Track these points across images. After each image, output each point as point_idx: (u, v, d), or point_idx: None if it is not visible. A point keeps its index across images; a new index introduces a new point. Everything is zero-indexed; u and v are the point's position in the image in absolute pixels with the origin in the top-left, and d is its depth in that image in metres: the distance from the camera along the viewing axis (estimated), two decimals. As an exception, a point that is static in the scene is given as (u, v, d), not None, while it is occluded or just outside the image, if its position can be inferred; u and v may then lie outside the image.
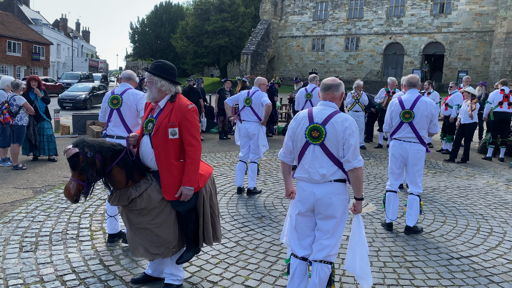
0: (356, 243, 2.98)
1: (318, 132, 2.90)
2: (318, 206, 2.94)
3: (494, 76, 29.44)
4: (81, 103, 21.13)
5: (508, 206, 6.22)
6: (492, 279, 3.88)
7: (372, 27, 37.31)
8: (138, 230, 3.18)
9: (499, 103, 9.74)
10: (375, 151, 10.60)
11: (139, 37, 54.04)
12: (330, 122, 2.89)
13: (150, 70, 3.17)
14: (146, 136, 3.21)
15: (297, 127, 3.02)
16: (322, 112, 2.96)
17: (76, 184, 2.99)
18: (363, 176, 2.96)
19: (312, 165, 2.94)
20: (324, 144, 2.89)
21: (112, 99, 4.44)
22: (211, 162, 8.66)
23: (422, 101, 4.82)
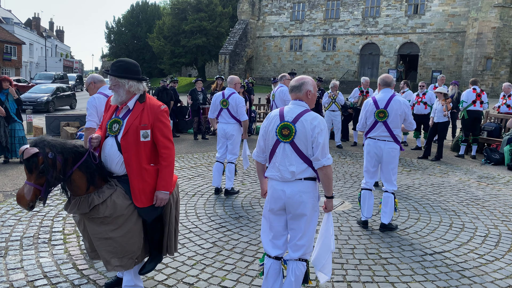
0: (322, 239, 3.02)
1: (288, 130, 2.92)
2: (288, 205, 2.95)
3: (467, 76, 30.21)
4: (43, 106, 19.38)
5: (479, 202, 6.38)
6: (463, 274, 3.97)
7: (348, 27, 37.74)
8: (99, 241, 2.92)
9: (472, 102, 10.00)
10: (351, 150, 10.72)
11: (115, 37, 53.22)
12: (300, 120, 2.91)
13: (114, 73, 2.95)
14: (111, 138, 2.99)
15: (268, 126, 3.05)
16: (292, 110, 2.99)
17: (33, 189, 2.69)
18: (332, 174, 2.96)
19: (282, 163, 2.95)
20: (294, 142, 2.92)
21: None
22: (188, 163, 8.60)
23: (395, 100, 4.91)
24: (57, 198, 5.87)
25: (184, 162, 8.65)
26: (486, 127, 10.60)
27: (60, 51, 68.81)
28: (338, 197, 6.44)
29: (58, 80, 32.45)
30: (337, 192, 6.72)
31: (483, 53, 29.91)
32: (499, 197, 6.71)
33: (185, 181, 7.11)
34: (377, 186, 6.92)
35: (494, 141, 10.27)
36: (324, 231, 3.03)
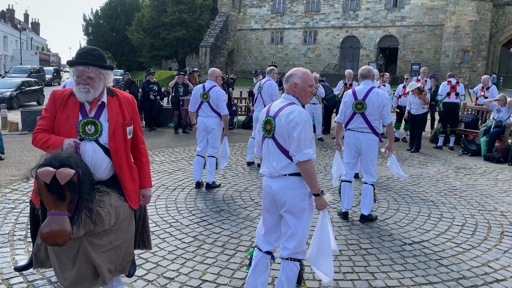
0: (318, 238, 2.89)
1: (270, 125, 2.90)
2: (276, 201, 2.91)
3: (445, 69, 30.72)
4: (5, 102, 17.79)
5: (457, 192, 6.51)
6: (441, 263, 4.04)
7: (329, 20, 37.86)
8: (103, 255, 2.52)
9: (447, 94, 10.17)
10: (332, 142, 10.78)
11: (93, 30, 52.19)
12: (279, 115, 2.87)
13: (96, 63, 2.53)
14: (89, 143, 2.58)
15: (260, 121, 3.05)
16: (277, 105, 2.96)
17: (68, 218, 2.21)
18: (313, 170, 2.78)
19: (267, 158, 2.93)
20: (275, 137, 2.88)
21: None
22: (168, 157, 8.51)
23: (374, 92, 4.93)
24: (33, 194, 5.73)
25: (165, 156, 8.57)
26: (463, 118, 10.81)
27: (35, 44, 67.11)
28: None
29: (34, 74, 31.66)
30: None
31: (460, 46, 30.43)
32: (475, 187, 6.85)
33: (165, 175, 7.03)
34: (358, 178, 6.98)
35: (471, 133, 10.48)
36: (319, 229, 2.90)
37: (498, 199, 6.21)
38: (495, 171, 8.10)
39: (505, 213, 5.57)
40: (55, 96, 2.62)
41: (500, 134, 9.62)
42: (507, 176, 7.71)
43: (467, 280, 3.70)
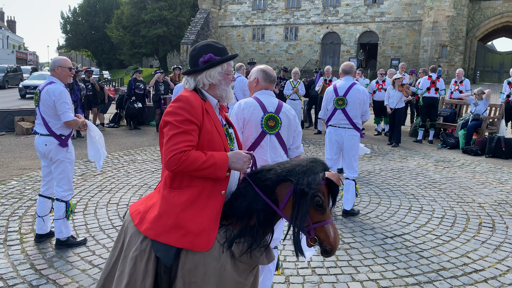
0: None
1: (274, 121, 2.93)
2: None
3: (424, 63, 31.15)
4: None
5: (436, 185, 6.64)
6: (422, 255, 4.13)
7: (309, 17, 37.98)
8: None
9: (427, 89, 10.35)
10: (314, 138, 10.86)
11: (71, 27, 51.16)
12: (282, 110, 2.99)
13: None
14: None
15: (249, 116, 2.93)
16: (271, 101, 3.03)
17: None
18: None
19: (270, 155, 2.94)
20: (279, 134, 2.95)
21: (35, 95, 4.14)
22: (151, 156, 8.44)
23: (355, 88, 4.99)
24: (12, 197, 5.62)
25: (147, 155, 8.50)
26: (442, 112, 11.02)
27: (12, 43, 65.50)
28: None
29: (11, 73, 30.97)
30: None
31: (438, 41, 30.91)
32: (454, 179, 7.00)
33: (148, 174, 6.98)
34: (341, 173, 7.05)
35: (450, 126, 10.70)
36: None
37: (476, 191, 6.36)
38: (473, 163, 8.28)
39: (483, 205, 5.71)
40: (194, 103, 2.04)
41: (477, 127, 9.85)
42: (484, 168, 7.90)
43: (447, 271, 3.79)
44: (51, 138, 4.03)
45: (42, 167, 4.22)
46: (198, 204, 1.99)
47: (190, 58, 2.20)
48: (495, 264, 3.96)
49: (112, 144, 9.59)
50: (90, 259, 3.90)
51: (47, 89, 4.01)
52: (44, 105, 4.01)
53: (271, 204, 1.96)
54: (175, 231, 1.95)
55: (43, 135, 4.06)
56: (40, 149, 4.07)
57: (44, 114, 4.02)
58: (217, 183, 2.02)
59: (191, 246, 1.93)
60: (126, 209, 5.28)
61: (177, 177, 2.04)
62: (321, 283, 3.56)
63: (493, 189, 6.46)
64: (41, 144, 4.05)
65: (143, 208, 2.12)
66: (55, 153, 4.05)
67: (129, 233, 2.10)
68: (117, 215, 5.07)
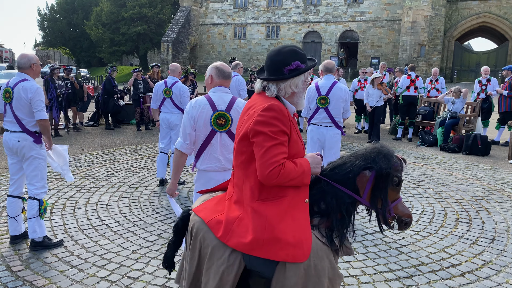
0: None
1: (224, 119, 2.92)
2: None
3: (403, 62, 31.62)
4: None
5: (415, 182, 6.75)
6: (401, 250, 4.19)
7: (291, 15, 38.11)
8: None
9: (406, 88, 10.52)
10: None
11: (49, 24, 50.14)
12: (233, 108, 2.94)
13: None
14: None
15: (198, 115, 2.95)
16: (222, 98, 2.99)
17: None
18: None
19: (221, 153, 2.94)
20: (231, 131, 2.93)
21: (4, 92, 4.01)
22: (131, 155, 8.34)
23: (337, 87, 5.02)
24: (-13, 197, 5.48)
25: (127, 154, 8.39)
26: (420, 111, 11.20)
27: (-13, 40, 63.75)
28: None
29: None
30: (282, 178, 6.81)
31: (417, 40, 31.42)
32: (433, 176, 7.13)
33: (128, 173, 6.89)
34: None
35: (428, 124, 10.89)
36: None
37: (453, 187, 6.49)
38: (450, 160, 8.45)
39: (460, 201, 5.83)
40: (285, 112, 2.01)
41: (455, 125, 10.05)
42: (461, 165, 8.07)
43: (425, 266, 3.86)
44: (24, 134, 3.95)
45: (10, 165, 4.11)
46: (290, 214, 2.00)
47: (273, 63, 2.05)
48: (471, 258, 4.05)
49: (91, 143, 9.44)
50: (68, 260, 3.82)
51: (22, 86, 3.92)
52: (19, 102, 3.91)
53: (355, 196, 2.09)
54: (273, 245, 1.94)
55: (14, 132, 3.96)
56: (11, 146, 3.98)
57: (18, 112, 3.93)
58: (301, 191, 2.03)
59: (292, 259, 1.93)
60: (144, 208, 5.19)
61: (264, 188, 2.02)
62: (302, 280, 3.57)
63: (469, 186, 6.60)
64: (12, 140, 3.95)
65: (223, 218, 2.06)
66: (29, 150, 3.96)
67: (209, 244, 2.07)
68: (96, 214, 4.99)
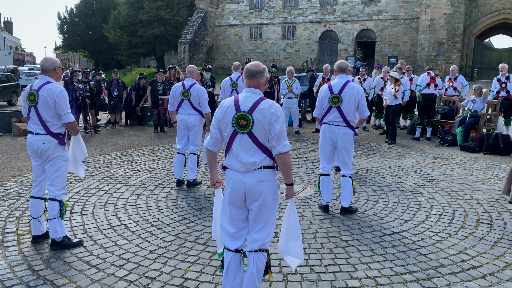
0: (288, 224, 3.01)
1: (245, 120, 2.84)
2: (249, 195, 2.90)
3: (421, 61, 31.20)
4: None
5: (435, 182, 6.64)
6: (420, 252, 4.13)
7: (307, 15, 37.95)
8: None
9: (426, 85, 10.37)
10: (312, 136, 10.86)
11: (68, 28, 50.99)
12: (256, 109, 2.84)
13: None
14: None
15: (223, 116, 2.94)
16: (248, 99, 2.90)
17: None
18: (290, 162, 2.93)
19: (241, 154, 2.89)
20: (252, 132, 2.85)
21: (29, 95, 4.10)
22: (149, 156, 8.43)
23: (349, 86, 4.97)
24: (9, 198, 5.61)
25: (145, 155, 8.48)
26: (439, 109, 11.02)
27: (9, 44, 65.33)
28: (300, 183, 6.52)
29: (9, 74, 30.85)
30: (298, 178, 6.79)
31: (436, 38, 30.91)
32: (452, 176, 7.00)
33: (146, 174, 6.97)
34: (338, 171, 7.05)
35: (447, 123, 10.70)
36: (288, 218, 3.00)
37: (474, 187, 6.37)
38: (470, 160, 8.29)
39: (481, 201, 5.71)
40: None
41: (475, 124, 9.85)
42: (482, 165, 7.90)
43: (445, 268, 3.79)
44: (48, 137, 4.02)
45: (34, 167, 4.18)
46: None
47: None
48: (493, 260, 3.96)
49: (110, 145, 9.57)
50: (88, 260, 3.89)
51: (48, 89, 3.98)
52: (44, 105, 3.99)
53: None
54: None
55: (39, 134, 4.04)
56: (36, 148, 4.05)
57: (43, 114, 4.01)
58: None
59: None
60: (122, 209, 5.26)
61: None
62: (319, 281, 3.56)
63: (491, 186, 6.47)
64: (37, 142, 4.03)
65: None
66: (53, 151, 4.04)
67: None
68: (115, 215, 5.06)
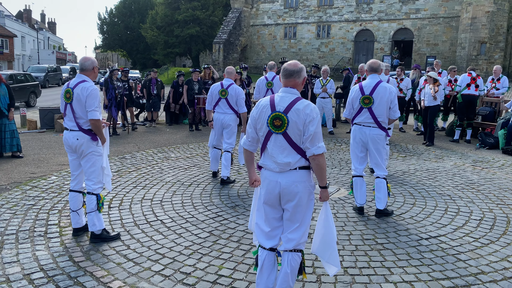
0: (324, 230, 2.97)
1: (280, 120, 2.82)
2: (284, 195, 2.89)
3: (461, 61, 30.17)
4: None
5: (474, 186, 6.41)
6: (459, 257, 4.00)
7: (342, 14, 37.50)
8: None
9: (467, 85, 10.03)
10: (346, 137, 10.71)
11: (108, 28, 52.64)
12: (292, 110, 2.82)
13: None
14: None
15: (259, 116, 2.93)
16: (284, 99, 2.87)
17: None
18: (325, 164, 2.87)
19: (276, 154, 2.87)
20: (287, 133, 2.83)
21: (65, 93, 4.24)
22: (184, 153, 8.57)
23: (381, 86, 4.87)
24: (52, 191, 5.85)
25: (180, 153, 8.63)
26: (480, 111, 10.63)
27: (52, 43, 68.13)
28: (333, 184, 6.45)
29: (52, 73, 32.20)
30: (332, 179, 6.72)
31: (477, 37, 29.82)
32: (494, 180, 6.74)
33: (181, 171, 7.09)
34: (372, 173, 6.92)
35: (489, 125, 10.30)
36: (323, 221, 2.98)
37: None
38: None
39: (525, 207, 5.47)
40: None
41: (519, 126, 9.43)
42: (526, 169, 7.56)
43: (486, 275, 3.66)
44: (81, 133, 4.18)
45: (71, 162, 4.34)
46: None
47: None
48: (537, 269, 3.79)
49: (147, 142, 9.81)
50: (125, 253, 4.00)
51: (82, 87, 4.14)
52: (78, 102, 4.14)
53: None
54: None
55: (73, 131, 4.20)
56: (71, 144, 4.21)
57: (77, 111, 4.16)
58: None
59: None
60: (159, 205, 5.38)
61: None
62: (353, 283, 3.51)
63: (535, 191, 6.18)
64: (72, 138, 4.19)
65: None
66: (87, 147, 4.19)
67: None
68: (151, 210, 5.18)
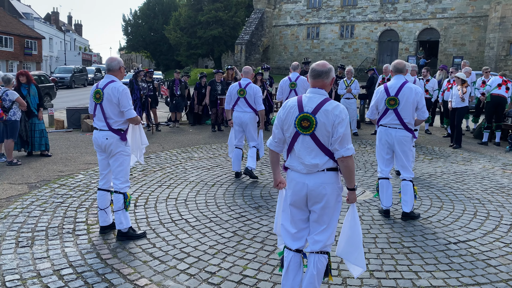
0: (350, 232, 2.94)
1: (308, 121, 2.78)
2: (311, 197, 2.85)
3: (489, 61, 29.40)
4: None
5: (505, 190, 6.23)
6: (489, 263, 3.89)
7: (366, 14, 37.07)
8: None
9: (497, 85, 9.77)
10: (371, 138, 10.58)
11: (132, 29, 53.51)
12: (320, 111, 2.78)
13: None
14: None
15: (286, 116, 2.89)
16: (312, 100, 2.83)
17: None
18: (354, 166, 2.82)
19: (303, 155, 2.84)
20: (315, 134, 2.79)
21: (95, 93, 4.32)
22: (207, 154, 8.63)
23: (407, 87, 4.77)
24: (79, 190, 5.97)
25: (203, 153, 8.69)
26: (510, 113, 10.33)
27: (78, 45, 69.69)
28: (359, 186, 6.38)
29: (78, 74, 32.98)
30: (358, 181, 6.65)
31: (506, 37, 29.00)
32: (525, 184, 6.54)
33: (204, 171, 7.14)
34: (398, 175, 6.81)
35: (519, 128, 10.00)
36: (350, 223, 2.95)
37: (550, 197, 5.90)
38: (546, 168, 7.69)
39: (558, 213, 5.28)
40: None
41: (552, 129, 9.13)
42: (559, 173, 7.30)
43: (518, 282, 3.54)
44: (110, 133, 4.24)
45: (100, 161, 4.42)
46: None
47: None
48: None
49: (171, 142, 9.92)
50: (151, 251, 4.05)
51: (112, 87, 4.21)
52: (109, 103, 4.21)
53: None
54: None
55: (103, 130, 4.27)
56: (100, 143, 4.29)
57: (107, 111, 4.23)
58: None
59: None
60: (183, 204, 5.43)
61: None
62: (379, 287, 3.46)
63: None
64: (101, 138, 4.26)
65: None
66: (116, 147, 4.26)
67: None
68: (176, 209, 5.23)
